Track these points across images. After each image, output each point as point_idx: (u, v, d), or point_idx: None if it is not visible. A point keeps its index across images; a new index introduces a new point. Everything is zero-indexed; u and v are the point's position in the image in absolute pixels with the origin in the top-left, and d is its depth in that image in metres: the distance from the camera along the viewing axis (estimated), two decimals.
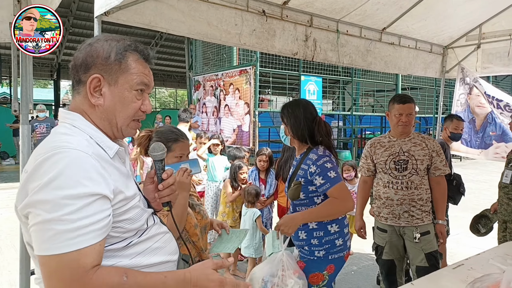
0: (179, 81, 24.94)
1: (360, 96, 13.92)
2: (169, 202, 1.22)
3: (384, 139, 2.78)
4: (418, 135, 2.73)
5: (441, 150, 2.67)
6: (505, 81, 17.73)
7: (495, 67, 4.61)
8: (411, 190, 2.60)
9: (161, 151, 1.21)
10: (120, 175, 1.02)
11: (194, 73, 10.34)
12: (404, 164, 2.64)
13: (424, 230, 2.61)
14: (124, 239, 1.01)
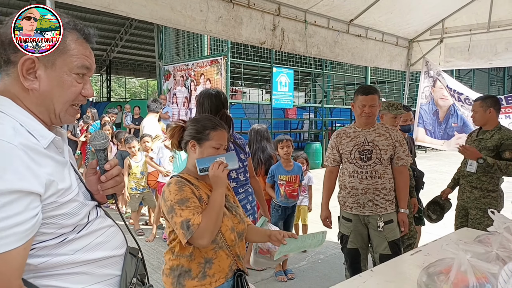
0: (149, 71, 24.38)
1: (331, 89, 14.11)
2: (114, 194, 1.15)
3: (350, 129, 2.81)
4: (382, 126, 2.78)
5: (404, 141, 2.73)
6: (467, 76, 18.49)
7: (457, 61, 4.77)
8: (375, 179, 2.65)
9: (103, 140, 1.14)
10: (55, 166, 0.94)
11: (164, 62, 10.10)
12: (368, 154, 2.68)
13: (388, 218, 2.67)
14: (59, 235, 0.94)
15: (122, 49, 21.28)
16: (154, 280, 3.52)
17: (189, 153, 1.66)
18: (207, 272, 1.52)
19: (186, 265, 1.52)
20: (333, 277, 3.61)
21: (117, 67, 24.64)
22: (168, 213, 1.48)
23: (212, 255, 1.53)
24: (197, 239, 1.42)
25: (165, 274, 1.58)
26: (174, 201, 1.47)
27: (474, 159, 3.01)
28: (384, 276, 1.77)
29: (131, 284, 1.09)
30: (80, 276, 0.99)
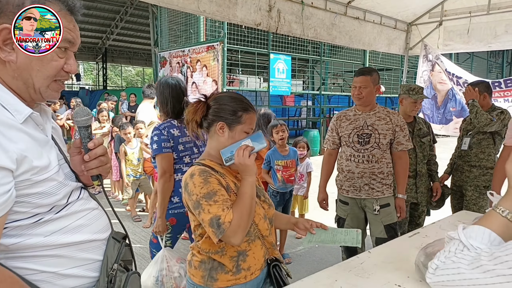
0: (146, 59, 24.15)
1: (329, 76, 14.01)
2: (99, 175, 1.09)
3: (350, 112, 2.76)
4: (383, 109, 2.71)
5: (405, 125, 2.67)
6: (466, 63, 18.39)
7: (456, 45, 4.70)
8: (372, 163, 2.62)
9: (86, 116, 1.06)
10: (32, 143, 0.89)
11: (160, 49, 9.96)
12: (367, 137, 2.64)
13: (384, 202, 2.65)
14: (33, 215, 0.90)
15: (118, 37, 21.04)
16: None
17: (214, 135, 1.45)
18: (241, 266, 1.40)
19: (217, 259, 1.40)
20: (330, 261, 3.61)
21: (113, 55, 24.39)
22: (194, 209, 1.32)
23: (245, 247, 1.40)
24: (229, 238, 1.26)
25: (193, 266, 1.45)
26: (200, 195, 1.29)
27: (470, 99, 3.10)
28: (382, 257, 1.75)
29: (112, 270, 1.04)
30: (56, 259, 0.94)
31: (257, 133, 1.43)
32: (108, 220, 1.11)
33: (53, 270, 0.94)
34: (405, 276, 1.53)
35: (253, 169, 1.36)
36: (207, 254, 1.41)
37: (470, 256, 0.77)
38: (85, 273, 1.00)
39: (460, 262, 0.77)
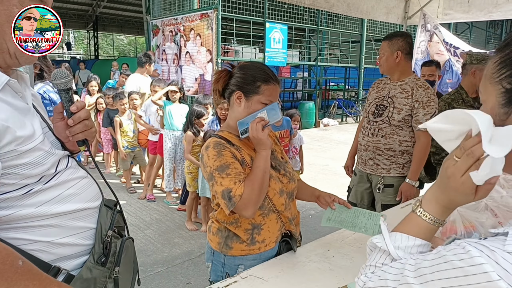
0: (138, 28, 23.46)
1: (326, 47, 13.76)
2: (85, 140, 1.06)
3: (384, 80, 2.59)
4: (414, 81, 2.41)
5: (430, 102, 2.33)
6: (465, 33, 18.11)
7: (456, 14, 4.59)
8: (377, 137, 2.46)
9: (65, 78, 1.02)
10: (12, 112, 0.86)
11: (152, 17, 9.64)
12: (382, 110, 2.46)
13: (388, 182, 2.48)
14: (22, 186, 0.88)
15: (109, 4, 20.32)
16: (147, 235, 3.56)
17: (233, 105, 1.43)
18: (255, 238, 1.41)
19: (232, 230, 1.42)
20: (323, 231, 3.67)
21: (104, 23, 23.65)
22: (208, 180, 1.34)
23: (260, 221, 1.41)
24: (240, 211, 1.29)
25: (212, 232, 1.49)
26: (213, 167, 1.31)
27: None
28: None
29: (107, 236, 1.05)
30: (50, 228, 0.94)
31: (272, 105, 1.37)
32: (99, 188, 1.11)
33: (48, 239, 0.93)
34: None
35: (267, 143, 1.33)
36: (223, 224, 1.43)
37: (396, 269, 0.66)
38: (79, 241, 1.00)
39: (386, 277, 0.66)
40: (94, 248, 1.02)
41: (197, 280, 2.84)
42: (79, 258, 1.00)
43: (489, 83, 0.61)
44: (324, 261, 1.43)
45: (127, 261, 1.13)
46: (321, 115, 12.19)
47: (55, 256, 0.95)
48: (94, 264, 0.99)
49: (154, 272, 2.94)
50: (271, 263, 1.41)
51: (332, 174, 5.84)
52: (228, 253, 1.43)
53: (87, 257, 1.00)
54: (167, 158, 4.34)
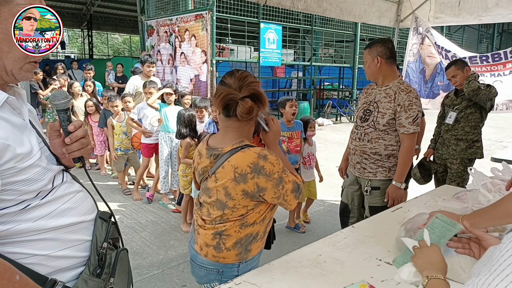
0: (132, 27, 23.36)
1: (320, 47, 13.81)
2: (81, 157, 1.10)
3: (372, 85, 2.65)
4: (397, 85, 2.45)
5: (412, 106, 2.35)
6: (458, 33, 18.26)
7: (446, 17, 4.66)
8: (363, 142, 2.53)
9: (64, 99, 1.05)
10: (11, 130, 0.88)
11: (147, 17, 9.64)
12: (368, 115, 2.52)
13: (375, 185, 2.55)
14: (20, 202, 0.91)
15: (103, 3, 20.20)
16: (143, 238, 3.59)
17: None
18: (266, 230, 1.55)
19: (257, 230, 1.48)
20: (318, 233, 3.73)
21: (98, 22, 23.51)
22: (276, 186, 1.36)
23: (272, 214, 1.55)
24: (300, 196, 1.45)
25: (226, 248, 1.44)
26: (280, 171, 1.37)
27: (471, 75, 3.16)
28: (365, 231, 1.82)
29: (102, 248, 1.08)
30: (47, 242, 0.97)
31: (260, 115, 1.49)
32: (94, 202, 1.14)
33: (45, 253, 0.96)
34: (385, 251, 1.60)
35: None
36: (252, 226, 1.45)
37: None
38: (75, 253, 1.03)
39: None
40: (89, 259, 1.05)
41: (193, 283, 2.87)
42: (75, 269, 1.03)
43: None
44: (316, 266, 1.47)
45: (122, 272, 1.16)
46: (316, 114, 12.24)
47: (52, 269, 0.98)
48: (90, 276, 1.02)
49: (149, 275, 2.97)
50: (264, 269, 1.45)
51: (327, 175, 5.87)
52: (248, 257, 1.49)
53: (82, 269, 1.03)
54: (162, 160, 4.36)
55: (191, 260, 1.57)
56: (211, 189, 1.44)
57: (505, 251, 0.58)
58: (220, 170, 1.39)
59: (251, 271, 1.43)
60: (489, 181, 1.84)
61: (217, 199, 1.42)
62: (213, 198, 1.44)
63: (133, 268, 3.03)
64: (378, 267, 1.47)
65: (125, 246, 1.25)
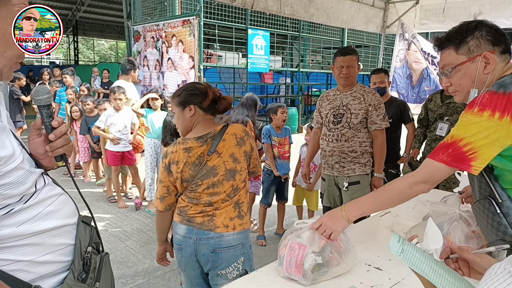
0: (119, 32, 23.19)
1: (308, 53, 13.92)
2: (64, 155, 1.06)
3: (332, 92, 2.84)
4: (361, 88, 2.72)
5: (380, 104, 2.66)
6: None
7: (431, 24, 4.73)
8: (341, 142, 2.68)
9: (46, 95, 1.02)
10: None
11: (133, 22, 9.56)
12: (339, 117, 2.69)
13: (354, 180, 2.72)
14: (4, 207, 0.88)
15: (89, 8, 20.03)
16: (128, 246, 3.50)
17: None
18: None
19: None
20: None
21: (84, 27, 23.28)
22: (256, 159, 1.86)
23: None
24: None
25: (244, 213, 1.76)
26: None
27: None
28: (353, 237, 1.79)
29: (87, 253, 1.05)
30: (30, 247, 0.93)
31: None
32: (75, 205, 1.10)
33: (28, 258, 0.93)
34: (375, 256, 1.58)
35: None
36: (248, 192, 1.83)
37: None
38: (59, 258, 1.00)
39: None
40: (73, 264, 1.01)
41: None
42: (58, 275, 0.99)
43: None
44: None
45: (106, 276, 1.14)
46: (304, 120, 12.29)
47: (35, 275, 0.94)
48: (75, 281, 0.99)
49: (135, 284, 2.89)
50: (252, 276, 1.42)
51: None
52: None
53: (66, 274, 1.00)
54: (148, 167, 4.29)
55: (214, 251, 1.67)
56: (216, 166, 1.68)
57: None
58: (221, 144, 1.69)
59: (240, 278, 1.39)
60: None
61: (225, 169, 1.69)
62: (220, 173, 1.68)
63: (118, 277, 2.95)
64: (367, 272, 1.45)
65: (110, 255, 1.23)
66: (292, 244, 1.37)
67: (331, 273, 1.36)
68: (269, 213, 3.90)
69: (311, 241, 1.35)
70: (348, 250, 1.41)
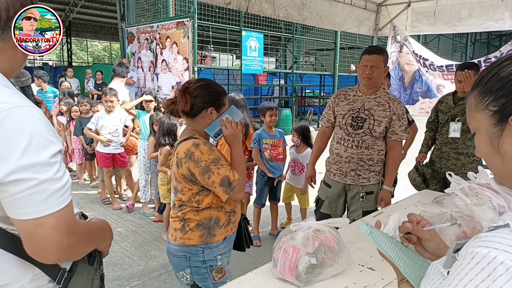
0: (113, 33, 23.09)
1: (301, 55, 13.98)
2: None
3: (351, 91, 2.58)
4: (386, 95, 2.52)
5: (404, 115, 2.49)
6: (433, 42, 18.84)
7: (423, 26, 4.80)
8: (361, 149, 2.50)
9: (27, 76, 1.16)
10: None
11: (127, 24, 9.53)
12: (361, 122, 2.49)
13: (369, 190, 2.56)
14: None
15: (82, 9, 19.90)
16: (123, 248, 3.50)
17: (201, 120, 1.64)
18: (231, 220, 1.69)
19: (215, 215, 1.62)
20: None
21: (77, 29, 23.12)
22: (203, 173, 1.51)
23: (235, 206, 1.70)
24: (236, 193, 1.55)
25: (190, 229, 1.61)
26: (209, 160, 1.51)
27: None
28: (346, 237, 1.81)
29: None
30: None
31: (231, 108, 1.66)
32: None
33: None
34: (368, 256, 1.61)
35: (240, 137, 1.62)
36: (207, 211, 1.62)
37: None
38: None
39: None
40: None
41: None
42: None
43: (476, 112, 0.71)
44: None
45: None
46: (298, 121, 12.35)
47: None
48: (85, 264, 1.07)
49: (129, 286, 2.89)
50: (247, 277, 1.43)
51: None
52: (212, 241, 1.62)
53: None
54: (142, 168, 4.29)
55: (167, 251, 1.72)
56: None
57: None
58: (173, 158, 1.65)
59: (235, 279, 1.40)
60: (466, 185, 1.88)
61: (172, 184, 1.68)
62: (171, 184, 1.71)
63: (113, 279, 2.95)
64: (360, 272, 1.47)
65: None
66: (287, 247, 1.39)
67: (325, 274, 1.38)
68: (263, 213, 3.92)
69: (305, 242, 1.38)
70: (342, 250, 1.43)
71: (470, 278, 0.56)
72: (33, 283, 0.91)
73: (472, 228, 1.54)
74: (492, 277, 0.54)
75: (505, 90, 0.65)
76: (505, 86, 0.65)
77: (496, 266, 0.54)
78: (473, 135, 0.75)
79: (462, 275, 0.58)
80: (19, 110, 0.81)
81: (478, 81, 0.71)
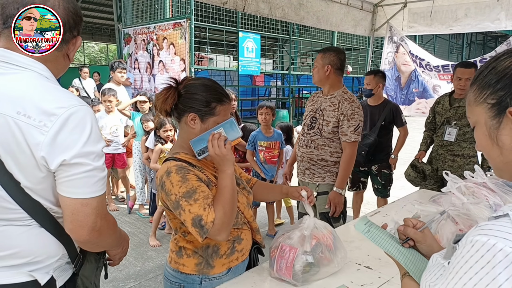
0: (110, 35, 23.05)
1: (298, 56, 14.00)
2: None
3: (319, 93, 2.65)
4: (342, 95, 2.48)
5: (354, 115, 2.41)
6: (430, 44, 18.94)
7: (419, 27, 4.81)
8: (310, 149, 2.54)
9: None
10: None
11: (124, 25, 9.51)
12: (314, 122, 2.54)
13: (323, 189, 2.54)
14: None
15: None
16: None
17: (185, 127, 1.33)
18: (236, 248, 1.39)
19: (213, 243, 1.33)
20: None
21: None
22: (174, 209, 1.23)
23: (238, 233, 1.39)
24: (214, 236, 1.21)
25: (186, 254, 1.36)
26: (179, 195, 1.20)
27: None
28: (343, 236, 1.81)
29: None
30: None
31: (228, 121, 1.28)
32: None
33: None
34: (365, 255, 1.60)
35: (231, 159, 1.25)
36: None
37: None
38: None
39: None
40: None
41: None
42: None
43: (475, 106, 0.71)
44: None
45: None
46: (295, 122, 12.35)
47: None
48: (92, 252, 1.17)
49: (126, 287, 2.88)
50: (244, 277, 1.42)
51: None
52: (210, 273, 1.35)
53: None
54: (138, 170, 4.27)
55: (163, 273, 1.49)
56: None
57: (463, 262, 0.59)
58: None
59: (232, 279, 1.39)
60: (463, 184, 1.88)
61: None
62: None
63: (109, 280, 2.93)
64: (357, 271, 1.47)
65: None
66: (283, 246, 1.38)
67: (321, 273, 1.38)
68: (260, 214, 3.91)
69: (302, 241, 1.37)
70: (338, 249, 1.43)
71: (470, 265, 0.57)
72: (59, 262, 1.05)
73: (469, 226, 1.54)
74: (491, 263, 0.55)
75: (502, 83, 0.66)
76: (503, 79, 0.66)
77: (496, 252, 0.55)
78: (472, 129, 0.76)
79: (462, 262, 0.59)
80: (83, 109, 0.96)
81: (477, 76, 0.72)
